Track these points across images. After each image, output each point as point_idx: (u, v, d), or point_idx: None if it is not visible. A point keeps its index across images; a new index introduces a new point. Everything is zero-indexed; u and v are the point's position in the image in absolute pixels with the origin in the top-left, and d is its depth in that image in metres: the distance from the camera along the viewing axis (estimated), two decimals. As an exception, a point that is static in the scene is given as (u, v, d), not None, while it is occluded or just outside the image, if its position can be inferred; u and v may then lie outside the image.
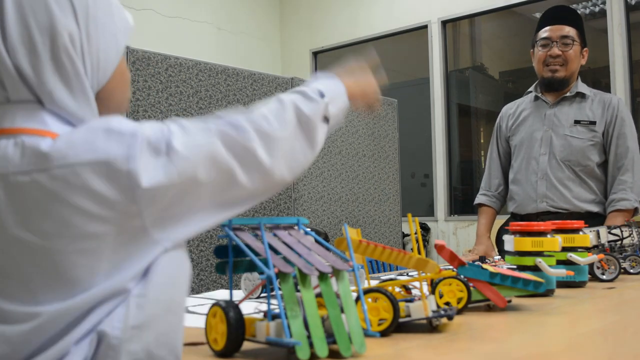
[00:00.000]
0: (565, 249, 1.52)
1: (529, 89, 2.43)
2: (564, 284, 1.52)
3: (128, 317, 0.64)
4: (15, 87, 0.68)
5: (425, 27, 5.58)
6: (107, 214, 0.64)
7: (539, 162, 2.30)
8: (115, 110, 0.81)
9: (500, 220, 2.52)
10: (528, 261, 1.37)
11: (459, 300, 1.13)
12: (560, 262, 1.50)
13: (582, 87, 2.34)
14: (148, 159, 0.66)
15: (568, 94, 2.31)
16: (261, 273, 0.85)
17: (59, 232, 0.62)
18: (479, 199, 2.50)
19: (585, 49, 2.33)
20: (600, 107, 2.28)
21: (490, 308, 1.21)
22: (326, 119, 0.88)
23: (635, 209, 2.22)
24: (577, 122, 2.27)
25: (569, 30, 2.27)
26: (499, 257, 2.22)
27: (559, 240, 1.40)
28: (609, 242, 1.79)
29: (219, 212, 0.73)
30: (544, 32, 2.31)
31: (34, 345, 0.61)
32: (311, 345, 0.80)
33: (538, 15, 5.16)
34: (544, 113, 2.34)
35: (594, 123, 2.25)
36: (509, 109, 2.51)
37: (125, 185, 0.64)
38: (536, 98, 2.39)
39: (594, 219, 2.16)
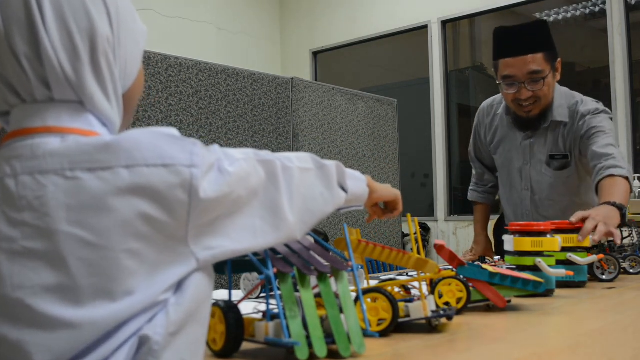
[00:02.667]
0: (565, 249, 1.52)
1: (499, 110, 2.17)
2: (564, 284, 1.52)
3: (169, 324, 0.64)
4: (60, 87, 0.68)
5: (425, 27, 5.59)
6: (163, 218, 0.63)
7: (522, 198, 2.16)
8: (132, 111, 0.82)
9: (495, 219, 2.51)
10: (528, 261, 1.37)
11: (459, 300, 1.12)
12: (560, 262, 1.50)
13: (558, 111, 2.02)
14: (206, 171, 0.66)
15: (543, 125, 2.04)
16: (260, 273, 0.85)
17: (113, 230, 0.62)
18: (471, 194, 2.44)
19: (558, 60, 1.98)
20: (572, 133, 2.01)
21: (489, 308, 1.21)
22: (342, 187, 0.92)
23: (627, 179, 1.82)
24: (552, 157, 2.05)
25: (535, 60, 1.90)
26: (499, 257, 2.21)
27: (558, 240, 1.40)
28: (608, 242, 1.78)
29: (253, 237, 0.73)
30: (507, 69, 1.95)
31: (74, 352, 0.61)
32: (310, 345, 0.80)
33: (538, 15, 5.18)
34: (519, 142, 2.11)
35: (566, 157, 2.04)
36: (485, 115, 2.26)
37: (187, 192, 0.64)
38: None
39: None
